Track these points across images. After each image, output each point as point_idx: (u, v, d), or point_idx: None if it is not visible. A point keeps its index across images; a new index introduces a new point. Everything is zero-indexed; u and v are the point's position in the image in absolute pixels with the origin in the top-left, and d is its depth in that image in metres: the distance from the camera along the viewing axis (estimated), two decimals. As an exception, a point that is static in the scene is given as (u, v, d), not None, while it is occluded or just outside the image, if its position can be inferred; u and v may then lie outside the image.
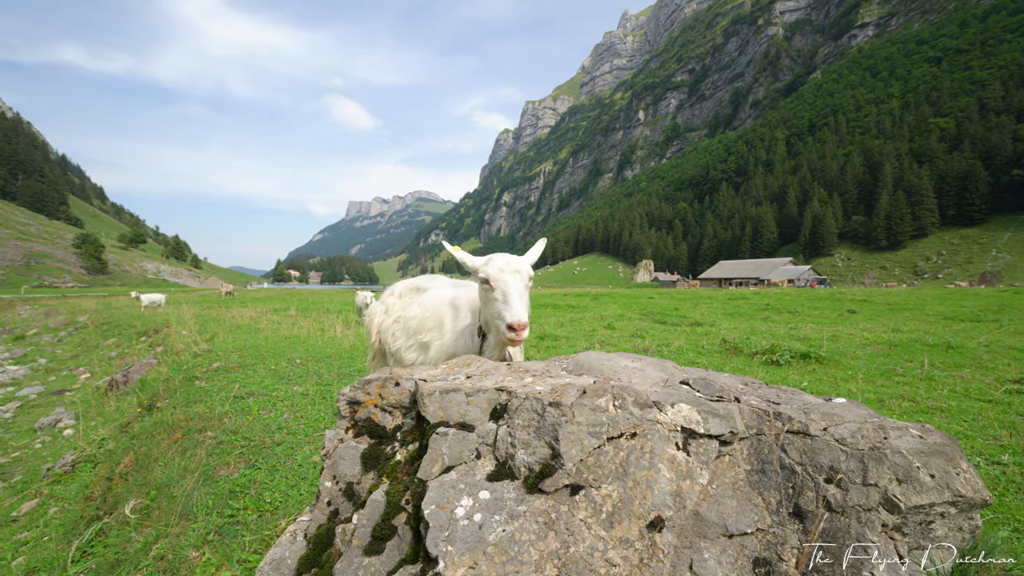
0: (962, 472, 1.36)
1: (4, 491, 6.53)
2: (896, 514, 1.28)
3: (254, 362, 7.03)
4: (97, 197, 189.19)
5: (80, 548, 3.97)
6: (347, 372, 6.33)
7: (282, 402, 4.78)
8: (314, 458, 3.26)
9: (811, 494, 1.37)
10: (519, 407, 1.39)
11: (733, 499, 1.42)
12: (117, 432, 6.30)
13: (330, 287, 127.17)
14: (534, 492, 1.27)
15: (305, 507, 2.58)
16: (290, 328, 11.84)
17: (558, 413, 1.32)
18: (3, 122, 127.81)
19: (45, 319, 25.14)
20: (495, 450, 1.36)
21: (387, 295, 3.73)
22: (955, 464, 1.37)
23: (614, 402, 1.35)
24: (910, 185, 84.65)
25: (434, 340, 2.76)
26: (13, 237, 78.60)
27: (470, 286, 3.16)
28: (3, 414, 10.07)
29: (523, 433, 1.34)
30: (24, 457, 7.63)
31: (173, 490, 2.99)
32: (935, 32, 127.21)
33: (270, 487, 2.83)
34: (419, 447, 1.46)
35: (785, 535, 1.35)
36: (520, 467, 1.31)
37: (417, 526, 1.28)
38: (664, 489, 1.32)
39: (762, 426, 1.52)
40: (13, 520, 5.64)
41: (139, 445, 4.11)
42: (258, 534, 2.36)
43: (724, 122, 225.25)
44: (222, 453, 3.40)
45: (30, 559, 4.60)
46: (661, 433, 1.36)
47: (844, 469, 1.35)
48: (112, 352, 14.88)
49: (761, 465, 1.47)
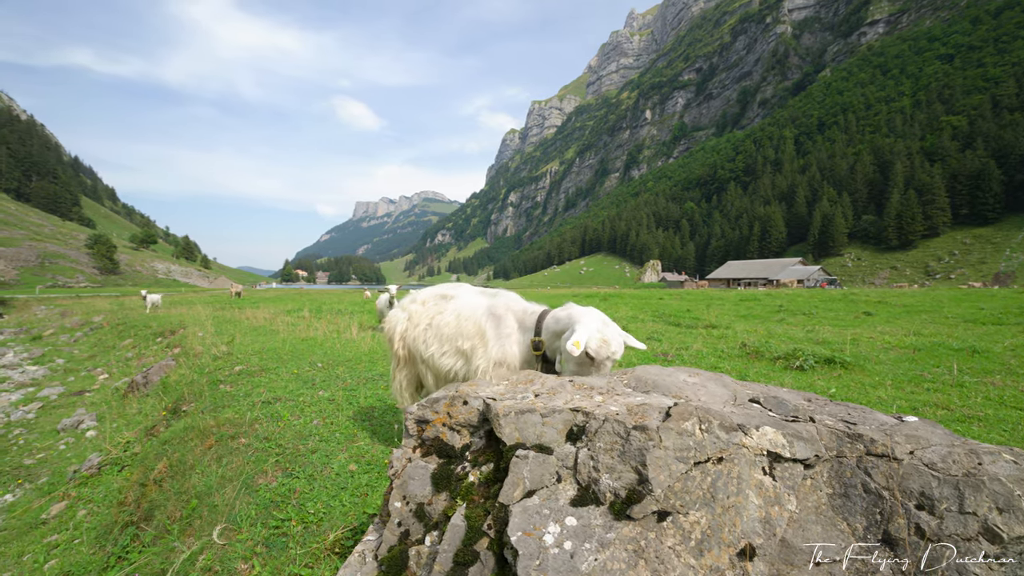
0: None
1: (32, 493, 6.61)
2: (997, 544, 1.24)
3: (276, 365, 7.05)
4: (109, 198, 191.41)
5: (115, 554, 4.00)
6: (369, 376, 6.33)
7: (310, 407, 4.79)
8: (351, 466, 3.25)
9: (902, 521, 1.33)
10: (599, 430, 1.36)
11: (817, 524, 1.38)
12: (143, 435, 6.34)
13: (337, 287, 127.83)
14: (621, 519, 1.25)
15: (350, 519, 2.58)
16: (305, 330, 11.88)
17: (644, 437, 1.29)
18: (18, 125, 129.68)
19: (61, 319, 25.44)
20: (576, 474, 1.34)
21: (409, 303, 3.72)
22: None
23: (700, 425, 1.32)
24: (921, 184, 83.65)
25: (476, 347, 2.76)
26: (28, 238, 79.71)
27: (502, 295, 3.16)
28: (26, 415, 10.20)
29: (606, 457, 1.31)
30: (49, 458, 7.72)
31: (214, 499, 2.99)
32: (947, 29, 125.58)
33: (311, 497, 2.82)
34: (494, 468, 1.44)
35: (876, 562, 1.32)
36: (605, 492, 1.28)
37: (501, 552, 1.26)
38: (753, 516, 1.29)
39: (842, 448, 1.48)
40: (43, 522, 5.70)
41: (172, 451, 4.13)
42: (306, 547, 2.35)
43: (732, 121, 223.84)
44: (258, 461, 3.40)
45: (62, 562, 4.64)
46: (747, 458, 1.33)
47: (937, 496, 1.31)
48: (129, 353, 15.02)
49: (844, 489, 1.43)
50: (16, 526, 5.78)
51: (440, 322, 3.14)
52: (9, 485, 6.97)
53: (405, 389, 3.61)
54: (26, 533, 5.56)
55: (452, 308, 3.15)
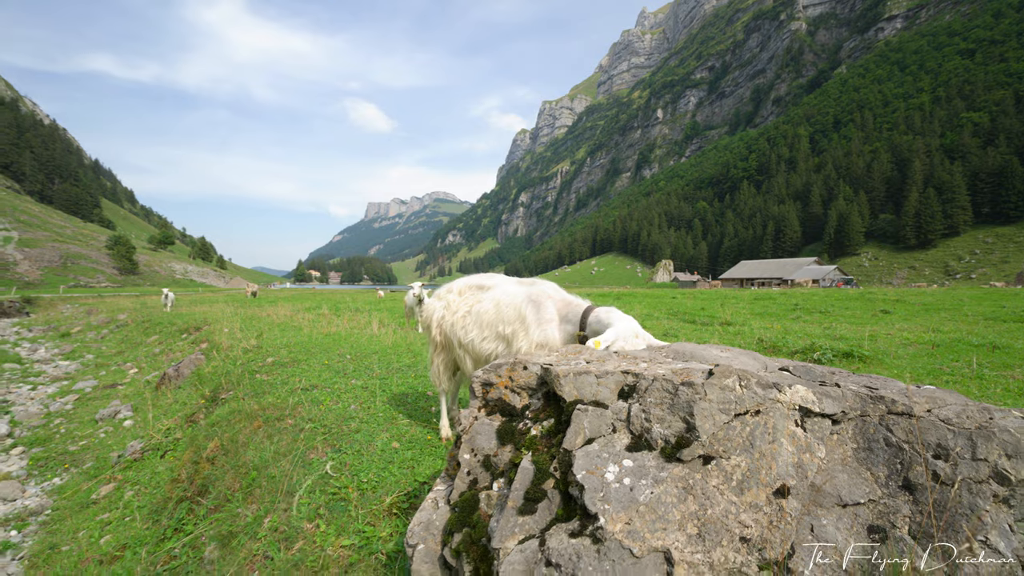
0: (1063, 451, 1.47)
1: (79, 476, 6.97)
2: (1006, 486, 1.41)
3: (306, 357, 7.33)
4: (128, 200, 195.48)
5: (171, 526, 4.27)
6: (396, 367, 6.57)
7: (345, 394, 5.03)
8: (394, 444, 3.48)
9: (920, 468, 1.50)
10: (649, 387, 1.56)
11: (844, 473, 1.56)
12: (183, 422, 6.66)
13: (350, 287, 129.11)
14: (672, 461, 1.44)
15: (402, 486, 2.79)
16: (327, 326, 12.20)
17: (691, 391, 1.48)
18: (41, 129, 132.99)
19: (87, 317, 26.19)
20: (629, 424, 1.53)
21: (445, 292, 3.97)
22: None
23: (740, 382, 1.51)
24: (941, 182, 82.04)
25: (518, 331, 2.95)
26: (51, 239, 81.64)
27: (540, 284, 3.37)
28: (64, 406, 10.65)
29: (657, 410, 1.51)
30: (91, 445, 8.09)
31: (271, 471, 3.24)
32: (967, 23, 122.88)
33: (363, 469, 3.05)
34: (555, 423, 1.64)
35: (897, 505, 1.49)
36: (657, 439, 1.48)
37: (566, 489, 1.46)
38: (787, 461, 1.47)
39: (866, 408, 1.66)
40: (93, 502, 6.03)
41: (222, 432, 4.40)
42: (365, 508, 2.57)
43: (745, 119, 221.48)
44: (307, 439, 3.65)
45: (117, 537, 4.94)
46: (781, 411, 1.52)
47: (952, 446, 1.48)
48: (156, 348, 15.48)
49: (867, 443, 1.60)
50: (68, 506, 6.12)
51: (479, 310, 3.36)
52: (56, 469, 7.34)
53: (443, 373, 3.86)
54: (78, 512, 5.89)
55: (490, 297, 3.37)
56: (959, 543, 1.37)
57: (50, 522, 5.88)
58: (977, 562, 1.34)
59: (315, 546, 2.38)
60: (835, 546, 1.42)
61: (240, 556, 2.56)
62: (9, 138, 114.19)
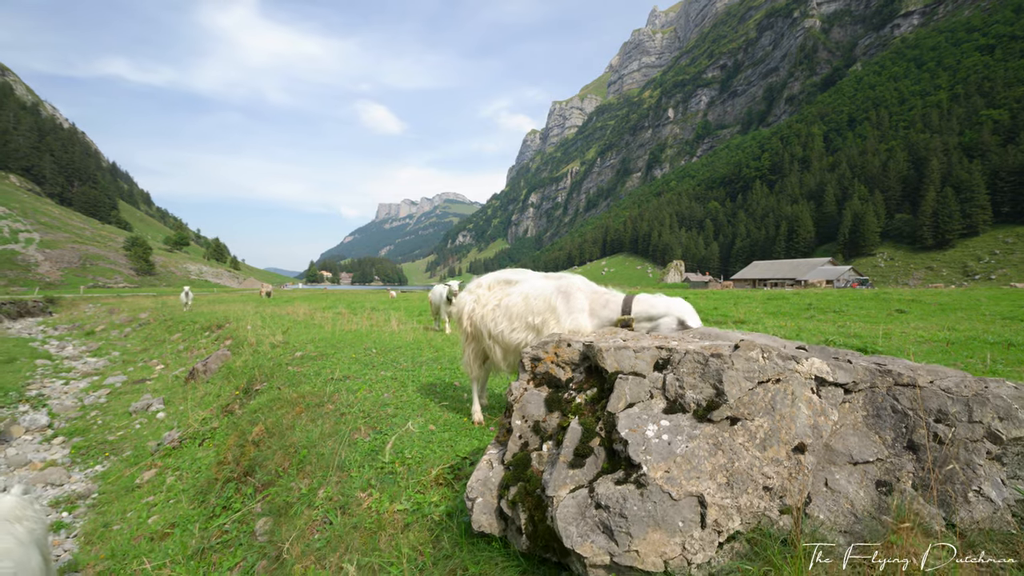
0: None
1: (120, 463, 7.35)
2: (998, 445, 1.61)
3: (333, 352, 7.63)
4: (144, 202, 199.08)
5: (220, 504, 4.57)
6: (421, 360, 6.85)
7: (377, 384, 5.30)
8: (430, 427, 3.73)
9: (922, 431, 1.71)
10: (682, 359, 1.78)
11: (854, 436, 1.77)
12: (219, 412, 7.00)
13: (361, 287, 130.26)
14: (703, 421, 1.66)
15: (445, 460, 3.04)
16: (347, 324, 12.53)
17: (720, 362, 1.70)
18: (61, 133, 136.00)
19: (110, 316, 26.88)
20: (665, 391, 1.76)
21: (475, 287, 4.25)
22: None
23: (762, 354, 1.73)
24: (959, 181, 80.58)
25: (548, 321, 3.19)
26: (71, 240, 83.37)
27: (567, 277, 3.61)
28: (98, 399, 11.10)
29: (690, 378, 1.73)
30: (128, 435, 8.48)
31: (320, 449, 3.51)
32: (987, 19, 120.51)
33: (405, 447, 3.30)
34: (598, 391, 1.87)
35: (901, 463, 1.70)
36: (690, 403, 1.70)
37: (611, 446, 1.69)
38: (804, 423, 1.69)
39: (875, 380, 1.87)
40: (137, 487, 6.39)
41: (265, 417, 4.69)
42: (415, 479, 2.82)
43: (757, 118, 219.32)
44: (349, 422, 3.91)
45: (164, 517, 5.26)
46: (799, 380, 1.73)
47: (951, 411, 1.69)
48: (180, 346, 15.95)
49: (876, 411, 1.81)
50: (113, 490, 6.48)
51: (508, 303, 3.62)
52: (98, 457, 7.73)
53: (473, 362, 4.13)
54: (124, 496, 6.24)
55: (519, 291, 3.63)
56: (956, 494, 1.58)
57: (98, 504, 6.24)
58: (971, 508, 1.55)
59: (371, 511, 2.63)
60: (847, 496, 1.63)
61: (300, 522, 2.83)
62: (30, 142, 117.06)
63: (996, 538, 1.47)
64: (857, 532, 1.55)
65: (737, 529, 1.53)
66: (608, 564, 1.51)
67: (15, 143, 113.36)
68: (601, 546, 1.50)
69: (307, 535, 2.71)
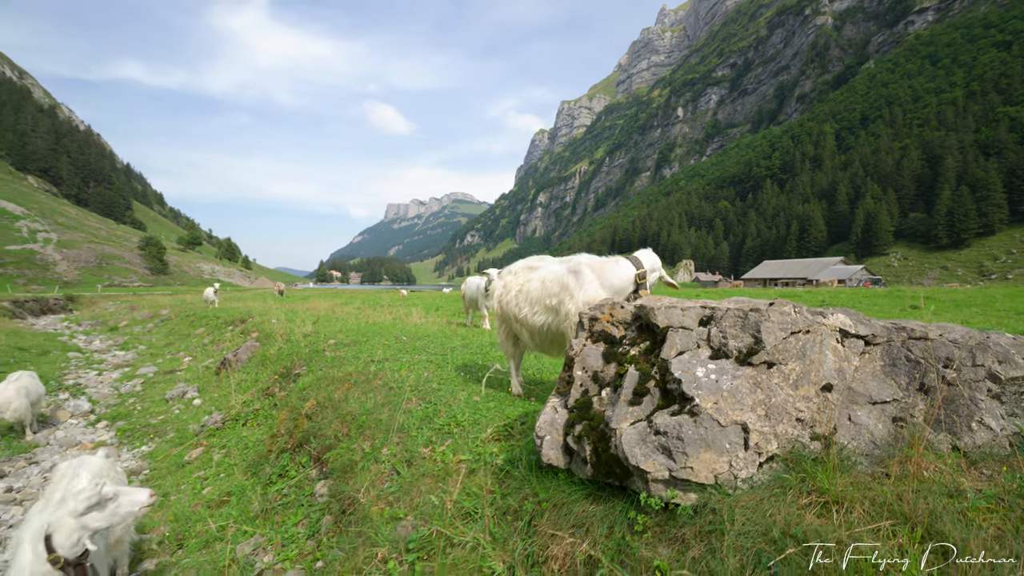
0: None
1: (165, 444, 7.77)
2: (998, 384, 1.90)
3: (364, 340, 8.00)
4: (157, 202, 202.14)
5: (276, 472, 4.94)
6: (451, 347, 7.19)
7: (416, 365, 5.64)
8: (475, 398, 4.06)
9: (932, 375, 2.00)
10: (724, 315, 2.09)
11: (873, 381, 2.07)
12: (259, 395, 7.39)
13: (370, 287, 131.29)
14: (744, 365, 1.97)
15: (497, 422, 3.36)
16: (369, 317, 12.93)
17: (758, 315, 2.01)
18: (77, 135, 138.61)
19: (131, 313, 27.57)
20: (710, 342, 2.07)
21: (505, 273, 4.61)
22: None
23: (794, 308, 2.03)
24: (975, 179, 79.51)
25: (564, 299, 3.59)
26: (87, 240, 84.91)
27: (575, 257, 4.02)
28: (133, 388, 11.57)
29: (731, 329, 2.04)
30: (168, 419, 8.92)
31: (377, 416, 3.85)
32: (1005, 14, 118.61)
33: (457, 412, 3.63)
34: (650, 344, 2.19)
35: (914, 403, 1.99)
36: (732, 350, 2.01)
37: (665, 386, 2.01)
38: (830, 367, 1.99)
39: (891, 336, 2.16)
40: (187, 463, 6.79)
41: (317, 393, 5.05)
42: (473, 436, 3.15)
43: (768, 117, 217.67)
44: (399, 394, 4.25)
45: (217, 488, 5.64)
46: (826, 331, 2.03)
47: (957, 357, 1.98)
48: (205, 339, 16.44)
49: (892, 361, 2.11)
50: (163, 467, 6.89)
51: (528, 288, 4.01)
52: (143, 439, 8.17)
53: (506, 341, 4.50)
54: (175, 471, 6.64)
55: (537, 276, 4.02)
56: (961, 423, 1.87)
57: (151, 479, 6.66)
58: (974, 435, 1.84)
59: (436, 462, 2.96)
60: (868, 428, 1.93)
61: (367, 476, 3.16)
62: (48, 143, 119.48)
63: (995, 458, 1.76)
64: (876, 456, 1.85)
65: (775, 452, 1.83)
66: (667, 478, 1.82)
67: (33, 145, 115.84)
68: (661, 463, 1.81)
69: (378, 484, 3.05)
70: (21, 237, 73.58)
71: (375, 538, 2.49)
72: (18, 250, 68.29)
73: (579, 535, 1.94)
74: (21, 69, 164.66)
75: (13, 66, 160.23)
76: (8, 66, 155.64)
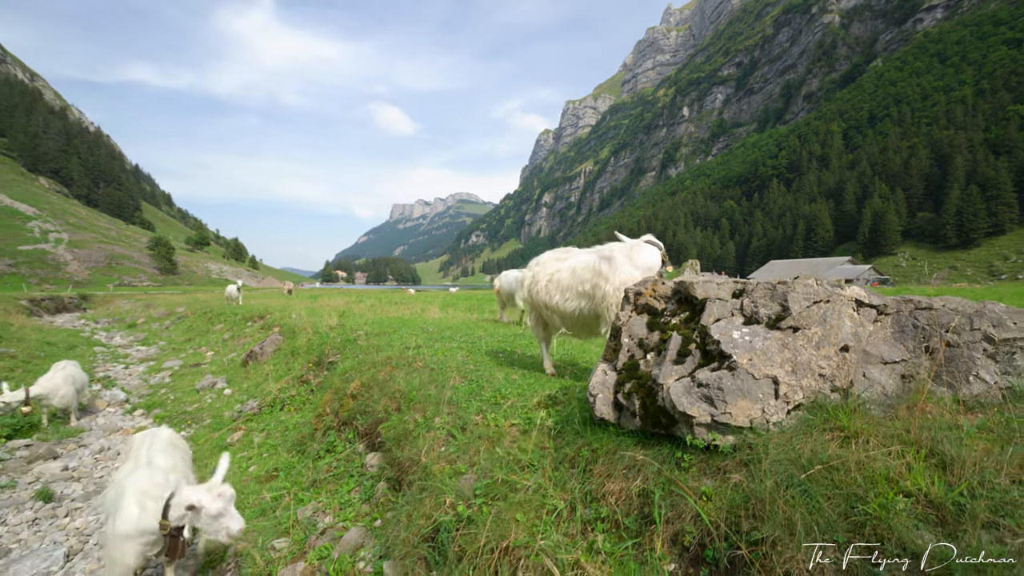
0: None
1: (203, 429, 8.17)
2: (992, 344, 2.22)
3: (392, 331, 8.36)
4: (165, 203, 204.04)
5: (324, 448, 5.30)
6: (477, 336, 7.55)
7: (449, 351, 6.00)
8: (513, 376, 4.41)
9: (936, 339, 2.32)
10: (754, 289, 2.43)
11: (885, 344, 2.40)
12: (294, 382, 7.78)
13: (376, 287, 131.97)
14: (773, 329, 2.31)
15: (540, 394, 3.71)
16: (387, 313, 13.32)
17: (785, 287, 2.34)
18: (87, 136, 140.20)
19: (147, 311, 28.10)
20: (743, 310, 2.41)
21: (534, 265, 4.96)
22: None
23: (816, 281, 2.36)
24: (985, 178, 79.04)
25: (598, 283, 3.93)
26: (97, 240, 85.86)
27: (607, 245, 4.34)
28: (163, 380, 12.01)
29: (762, 299, 2.38)
30: (203, 407, 9.32)
31: (426, 392, 4.20)
32: (1014, 11, 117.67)
33: (501, 387, 3.98)
34: (690, 313, 2.53)
35: (920, 362, 2.32)
36: (763, 317, 2.34)
37: (705, 348, 2.35)
38: (847, 331, 2.32)
39: (900, 307, 2.49)
40: (228, 446, 7.17)
41: (359, 375, 5.41)
42: (522, 404, 3.49)
43: (774, 116, 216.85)
44: (442, 373, 4.61)
45: (262, 466, 6.01)
46: (843, 300, 2.37)
47: (957, 323, 2.31)
48: (225, 335, 16.88)
49: (900, 328, 2.44)
50: (206, 449, 7.28)
51: (558, 278, 4.36)
52: (181, 425, 8.57)
53: (536, 326, 4.86)
54: (217, 453, 7.02)
55: (567, 266, 4.36)
56: (960, 377, 2.20)
57: (195, 460, 7.04)
58: (971, 387, 2.16)
59: (489, 427, 3.31)
60: (880, 383, 2.26)
61: (427, 440, 3.51)
62: (59, 145, 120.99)
63: (988, 405, 2.09)
64: (887, 404, 2.18)
65: (801, 401, 2.17)
66: (709, 423, 2.16)
67: (44, 146, 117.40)
68: (704, 409, 2.15)
69: (435, 448, 3.40)
70: (33, 237, 74.64)
71: (441, 488, 2.84)
72: (30, 250, 69.27)
73: (632, 475, 2.28)
74: (32, 71, 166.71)
75: (24, 68, 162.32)
76: (20, 68, 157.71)
